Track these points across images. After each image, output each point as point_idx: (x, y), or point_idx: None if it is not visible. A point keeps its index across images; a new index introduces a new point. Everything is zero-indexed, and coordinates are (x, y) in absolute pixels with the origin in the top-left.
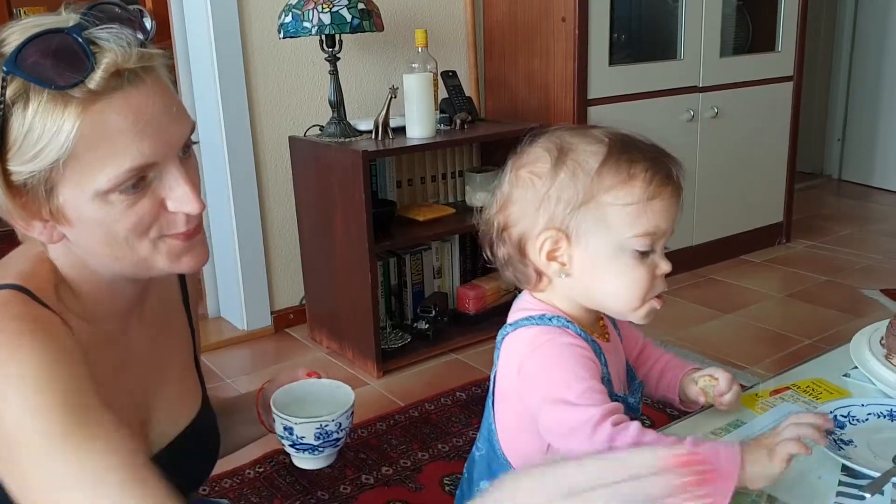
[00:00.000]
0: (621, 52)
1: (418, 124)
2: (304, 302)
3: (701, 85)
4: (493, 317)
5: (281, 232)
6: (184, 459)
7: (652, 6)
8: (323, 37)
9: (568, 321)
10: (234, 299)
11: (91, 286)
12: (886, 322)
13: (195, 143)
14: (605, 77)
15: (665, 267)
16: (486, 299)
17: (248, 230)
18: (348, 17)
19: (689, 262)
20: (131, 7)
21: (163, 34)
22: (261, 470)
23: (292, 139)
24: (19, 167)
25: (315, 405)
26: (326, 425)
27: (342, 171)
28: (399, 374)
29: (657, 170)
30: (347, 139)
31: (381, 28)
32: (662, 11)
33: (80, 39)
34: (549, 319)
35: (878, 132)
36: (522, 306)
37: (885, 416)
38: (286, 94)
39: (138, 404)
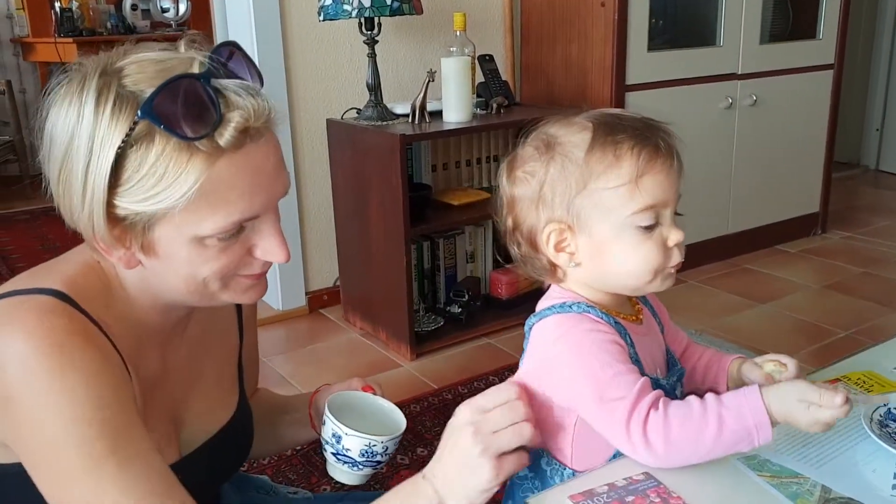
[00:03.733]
0: (660, 38)
1: (455, 108)
2: (337, 283)
3: (740, 72)
4: (526, 302)
5: (317, 214)
6: (213, 460)
7: None
8: (362, 20)
9: (589, 306)
10: (270, 279)
11: (147, 304)
12: None
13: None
14: (643, 63)
15: (675, 237)
16: (519, 285)
17: (284, 211)
18: (388, 0)
19: (723, 251)
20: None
21: (203, 17)
22: (298, 448)
23: (330, 122)
24: (128, 204)
25: (366, 421)
26: (374, 445)
27: (379, 154)
28: (432, 356)
29: (644, 145)
30: (384, 122)
31: (420, 11)
32: None
33: (210, 90)
34: (570, 307)
35: None
36: (548, 295)
37: None
38: (324, 76)
39: (172, 411)
